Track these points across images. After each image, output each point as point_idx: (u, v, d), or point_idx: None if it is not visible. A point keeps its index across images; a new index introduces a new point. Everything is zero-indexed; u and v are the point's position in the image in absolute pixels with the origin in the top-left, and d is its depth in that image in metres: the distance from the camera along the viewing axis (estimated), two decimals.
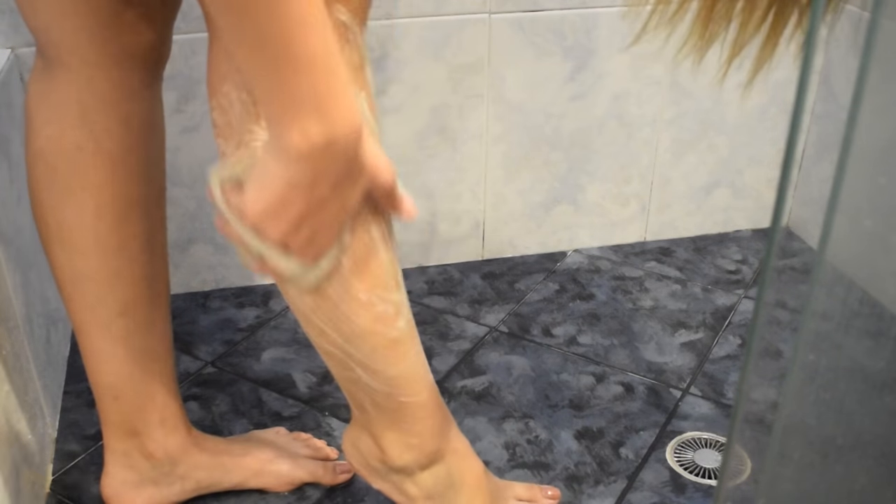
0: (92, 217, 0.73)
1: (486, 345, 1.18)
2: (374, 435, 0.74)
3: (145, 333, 0.79)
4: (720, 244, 1.44)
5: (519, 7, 1.21)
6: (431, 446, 0.74)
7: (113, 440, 0.83)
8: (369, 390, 0.69)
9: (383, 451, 0.74)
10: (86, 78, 0.69)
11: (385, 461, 0.75)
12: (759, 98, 1.37)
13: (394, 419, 0.72)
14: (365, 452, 0.76)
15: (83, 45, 0.68)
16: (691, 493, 0.93)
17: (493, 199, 1.35)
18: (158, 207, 0.78)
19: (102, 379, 0.80)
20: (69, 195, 0.72)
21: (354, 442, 0.77)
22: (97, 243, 0.74)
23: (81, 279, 0.75)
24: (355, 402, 0.73)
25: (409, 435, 0.73)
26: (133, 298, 0.77)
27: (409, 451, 0.73)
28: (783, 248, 1.42)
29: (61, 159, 0.71)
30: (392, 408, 0.70)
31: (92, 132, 0.71)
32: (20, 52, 1.07)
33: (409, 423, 0.72)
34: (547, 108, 1.29)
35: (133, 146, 0.73)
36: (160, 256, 0.79)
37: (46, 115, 0.71)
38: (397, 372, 0.68)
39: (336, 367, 0.69)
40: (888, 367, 0.46)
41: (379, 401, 0.70)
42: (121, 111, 0.71)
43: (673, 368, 1.13)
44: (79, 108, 0.70)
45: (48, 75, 0.70)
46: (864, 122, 0.33)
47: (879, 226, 0.41)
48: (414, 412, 0.71)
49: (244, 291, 1.30)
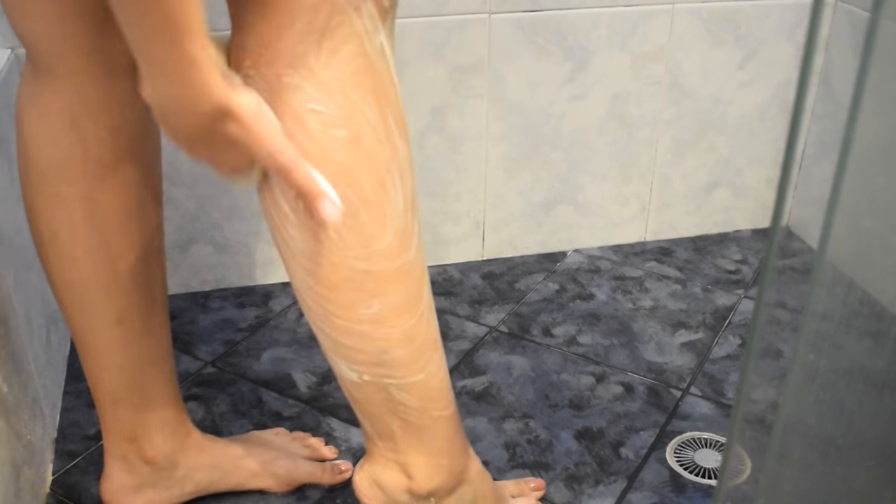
0: (83, 226, 0.72)
1: (486, 345, 1.18)
2: (402, 462, 0.71)
3: (143, 340, 0.78)
4: (720, 244, 1.44)
5: (519, 7, 1.21)
6: (459, 465, 0.74)
7: (112, 444, 0.83)
8: (402, 409, 0.68)
9: (412, 477, 0.72)
10: (74, 86, 0.68)
11: (413, 490, 0.72)
12: (759, 98, 1.37)
13: (424, 439, 0.70)
14: (389, 486, 0.73)
15: (70, 53, 0.66)
16: (691, 493, 0.93)
17: (493, 199, 1.35)
18: (154, 214, 0.76)
19: (100, 384, 0.79)
20: (60, 204, 0.71)
21: (375, 479, 0.74)
22: (91, 253, 0.72)
23: (76, 287, 0.74)
24: (381, 430, 0.70)
25: (439, 455, 0.71)
26: (129, 306, 0.76)
27: (439, 473, 0.72)
28: (783, 248, 1.42)
29: (52, 168, 0.70)
30: (425, 425, 0.69)
31: (81, 140, 0.69)
32: (20, 52, 1.07)
33: (439, 442, 0.71)
34: (547, 108, 1.29)
35: (125, 154, 0.71)
36: (156, 263, 0.78)
37: (36, 122, 0.69)
38: (429, 380, 0.67)
39: (370, 391, 0.67)
40: (888, 367, 0.46)
41: (412, 419, 0.69)
42: (111, 119, 0.70)
43: (673, 368, 1.13)
44: (67, 115, 0.69)
45: (37, 81, 0.69)
46: (864, 122, 0.33)
47: (879, 226, 0.41)
48: (445, 428, 0.71)
49: (244, 291, 1.30)
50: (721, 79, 1.33)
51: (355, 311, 0.63)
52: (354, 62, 0.56)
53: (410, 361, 0.66)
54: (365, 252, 0.61)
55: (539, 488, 0.91)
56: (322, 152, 0.57)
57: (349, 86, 0.56)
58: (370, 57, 0.57)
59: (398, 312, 0.64)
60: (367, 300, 0.63)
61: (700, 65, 1.32)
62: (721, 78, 1.33)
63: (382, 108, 0.59)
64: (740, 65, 1.33)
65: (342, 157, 0.58)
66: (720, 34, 1.30)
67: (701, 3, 1.27)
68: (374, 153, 0.59)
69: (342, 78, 0.56)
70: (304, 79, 0.56)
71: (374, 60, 0.57)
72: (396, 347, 0.65)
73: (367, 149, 0.58)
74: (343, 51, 0.56)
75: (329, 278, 0.62)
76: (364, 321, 0.63)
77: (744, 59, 1.33)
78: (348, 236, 0.60)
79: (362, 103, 0.57)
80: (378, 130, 0.58)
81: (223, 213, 1.24)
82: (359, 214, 0.60)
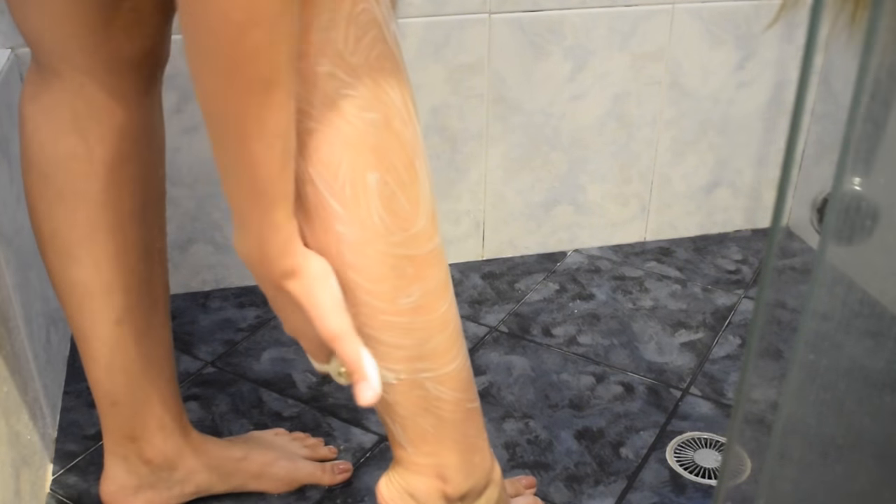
0: (85, 226, 0.71)
1: (486, 345, 1.18)
2: (437, 465, 0.70)
3: (144, 340, 0.78)
4: (720, 244, 1.44)
5: (519, 7, 1.21)
6: (488, 463, 0.73)
7: (112, 444, 0.83)
8: (436, 405, 0.67)
9: (447, 480, 0.71)
10: (78, 85, 0.68)
11: (449, 494, 0.71)
12: (759, 98, 1.37)
13: (457, 435, 0.69)
14: (423, 493, 0.72)
15: (73, 52, 0.66)
16: (691, 493, 0.93)
17: (493, 199, 1.35)
18: (157, 215, 0.76)
19: (101, 385, 0.79)
20: (62, 203, 0.71)
21: (406, 489, 0.72)
22: (91, 252, 0.72)
23: (77, 287, 0.74)
24: (414, 433, 0.69)
25: (472, 452, 0.71)
26: (130, 306, 0.76)
27: (473, 472, 0.72)
28: (783, 248, 1.42)
29: (53, 167, 0.70)
30: (459, 419, 0.69)
31: (84, 140, 0.69)
32: (20, 52, 1.07)
33: (473, 436, 0.70)
34: (547, 108, 1.29)
35: (128, 154, 0.71)
36: (158, 263, 0.78)
37: (39, 120, 0.69)
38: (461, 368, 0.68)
39: (405, 390, 0.67)
40: (888, 367, 0.46)
41: (446, 415, 0.68)
42: (115, 119, 0.70)
43: (673, 368, 1.13)
44: (71, 115, 0.69)
45: (41, 80, 0.69)
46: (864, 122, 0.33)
47: (879, 226, 0.41)
48: (476, 420, 0.71)
49: (244, 291, 1.30)
50: (721, 79, 1.33)
51: (396, 301, 0.63)
52: (377, 47, 0.57)
53: (446, 349, 0.66)
54: (404, 237, 0.62)
55: (531, 485, 0.92)
56: (359, 136, 0.58)
57: (375, 70, 0.58)
58: (388, 42, 0.58)
59: (435, 298, 0.65)
60: (407, 287, 0.63)
61: (700, 65, 1.32)
62: (721, 78, 1.33)
63: (404, 92, 0.60)
64: (740, 65, 1.33)
65: (376, 140, 0.59)
66: (720, 34, 1.30)
67: (701, 3, 1.27)
68: (403, 135, 0.60)
69: (369, 63, 0.57)
70: (336, 66, 0.56)
71: (391, 46, 0.58)
72: (434, 335, 0.65)
73: (397, 131, 0.60)
74: (367, 37, 0.57)
75: (373, 269, 0.62)
76: (405, 311, 0.63)
77: (743, 59, 1.33)
78: (389, 221, 0.61)
79: (387, 87, 0.58)
80: (403, 113, 0.60)
81: (223, 213, 1.24)
82: (397, 198, 0.61)
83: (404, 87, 0.60)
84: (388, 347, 0.65)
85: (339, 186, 0.59)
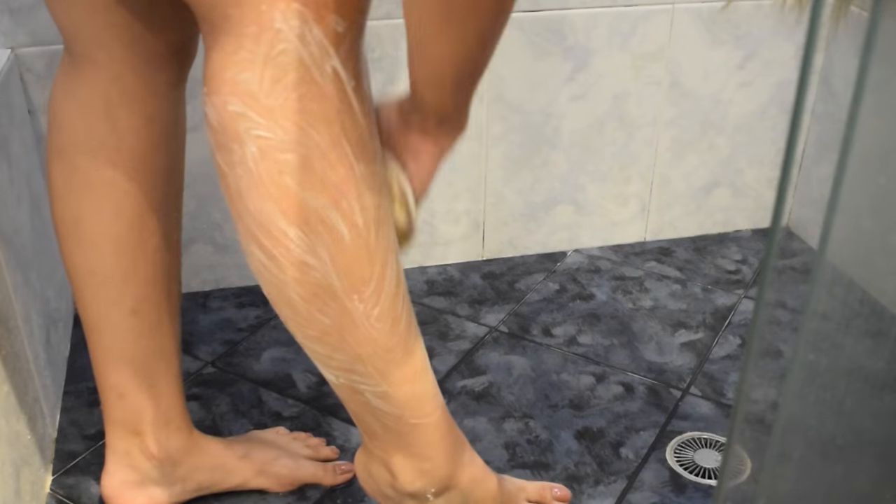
0: (110, 214, 0.73)
1: (486, 345, 1.18)
2: (385, 460, 0.72)
3: (155, 333, 0.79)
4: (720, 244, 1.45)
5: (519, 7, 1.21)
6: (444, 471, 0.73)
7: (115, 439, 0.83)
8: (379, 413, 0.68)
9: (395, 476, 0.72)
10: (113, 74, 0.69)
11: (397, 487, 0.73)
12: (759, 98, 1.37)
13: (403, 443, 0.70)
14: (377, 478, 0.74)
15: (112, 42, 0.68)
16: (691, 493, 0.93)
17: (493, 199, 1.35)
18: (176, 207, 0.78)
19: (109, 376, 0.80)
20: (88, 191, 0.72)
21: (366, 467, 0.75)
22: (114, 241, 0.73)
23: (96, 276, 0.75)
24: (365, 428, 0.71)
25: (420, 459, 0.71)
26: (146, 297, 0.77)
27: (422, 476, 0.72)
28: (783, 248, 1.42)
29: (83, 155, 0.71)
30: (404, 431, 0.69)
31: (115, 129, 0.71)
32: (20, 52, 1.07)
33: (420, 447, 0.71)
34: (547, 108, 1.29)
35: (156, 145, 0.73)
36: (175, 255, 0.79)
37: (72, 111, 0.71)
38: (408, 392, 0.67)
39: (347, 393, 0.68)
40: (888, 367, 0.46)
41: (389, 424, 0.69)
42: (146, 109, 0.71)
43: (673, 368, 1.13)
44: (104, 104, 0.70)
45: (75, 71, 0.70)
46: (864, 122, 0.33)
47: (879, 226, 0.41)
48: (424, 435, 0.70)
49: (244, 291, 1.30)
50: (721, 79, 1.33)
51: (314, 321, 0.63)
52: (300, 89, 0.56)
53: (379, 371, 0.66)
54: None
55: (564, 499, 0.89)
56: (258, 178, 0.57)
57: (295, 112, 0.56)
58: (318, 83, 0.56)
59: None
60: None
61: (700, 65, 1.32)
62: (721, 78, 1.33)
63: (335, 133, 0.58)
64: (740, 65, 1.33)
65: (289, 181, 0.57)
66: (720, 34, 1.30)
67: (701, 3, 1.27)
68: (325, 175, 0.58)
69: (287, 105, 0.56)
70: (248, 107, 0.55)
71: (323, 86, 0.56)
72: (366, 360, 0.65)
73: (317, 171, 0.58)
74: (286, 79, 0.55)
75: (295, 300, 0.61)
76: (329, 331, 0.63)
77: (744, 58, 1.33)
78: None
79: (310, 129, 0.57)
80: (329, 155, 0.58)
81: (223, 213, 1.24)
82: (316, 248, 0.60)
83: (339, 127, 0.58)
84: (320, 356, 0.65)
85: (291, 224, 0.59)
